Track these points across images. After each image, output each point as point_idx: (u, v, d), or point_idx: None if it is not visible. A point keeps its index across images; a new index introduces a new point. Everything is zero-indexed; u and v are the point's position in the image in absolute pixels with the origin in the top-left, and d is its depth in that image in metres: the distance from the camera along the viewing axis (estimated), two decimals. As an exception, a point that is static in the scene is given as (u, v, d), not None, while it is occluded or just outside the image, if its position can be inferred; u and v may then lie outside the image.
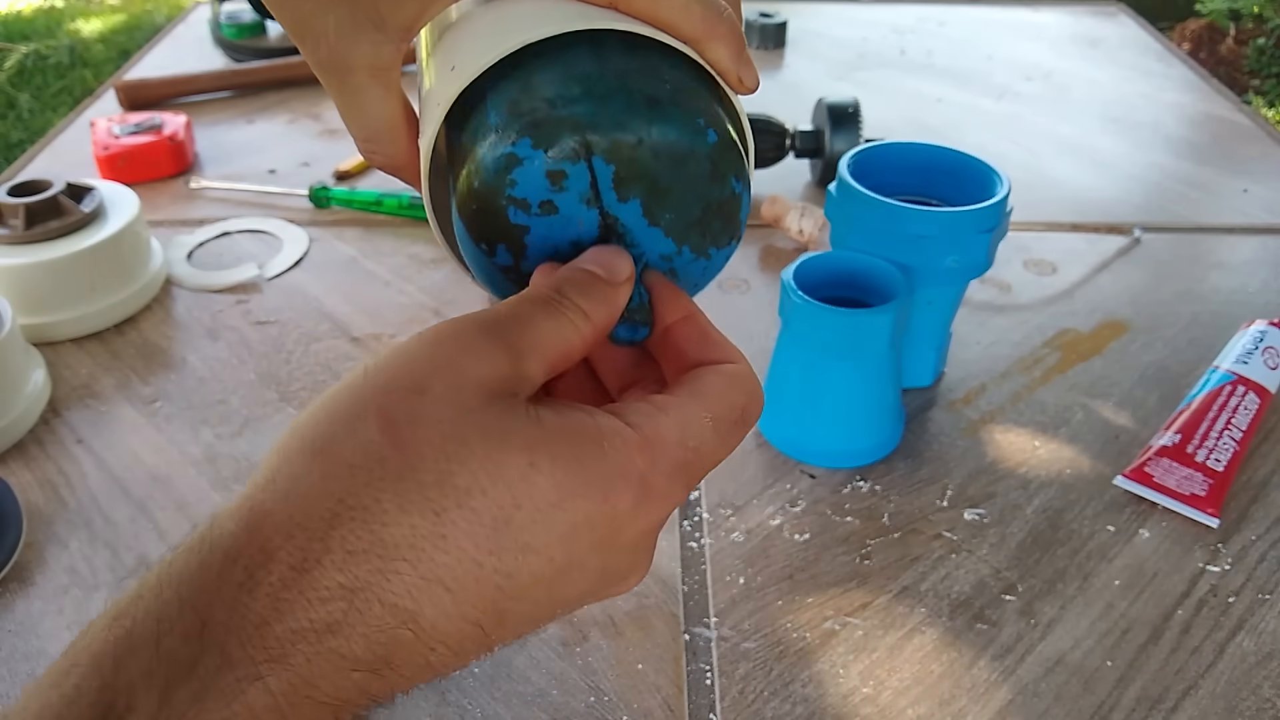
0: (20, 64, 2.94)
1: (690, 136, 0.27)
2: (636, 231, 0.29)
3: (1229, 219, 0.85)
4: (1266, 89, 2.81)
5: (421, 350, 0.25)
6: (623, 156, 0.27)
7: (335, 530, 0.23)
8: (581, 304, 0.27)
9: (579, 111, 0.27)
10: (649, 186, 0.28)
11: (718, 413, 0.28)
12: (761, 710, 0.44)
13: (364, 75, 0.31)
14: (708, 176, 0.28)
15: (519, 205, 0.28)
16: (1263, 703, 0.45)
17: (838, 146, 0.83)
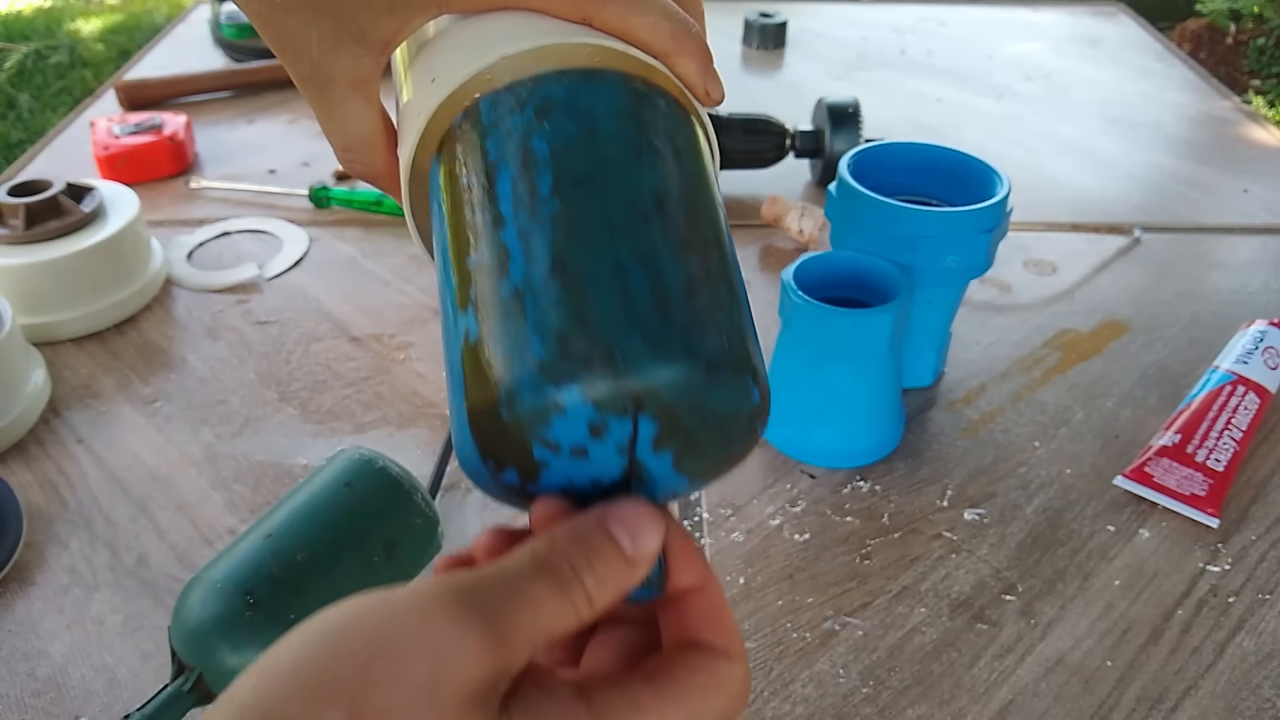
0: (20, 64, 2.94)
1: (740, 399, 0.26)
2: (659, 477, 0.28)
3: (1229, 219, 0.85)
4: (1266, 89, 2.81)
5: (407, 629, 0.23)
6: (670, 417, 0.26)
7: None
8: (590, 585, 0.25)
9: (639, 370, 0.24)
10: (687, 442, 0.27)
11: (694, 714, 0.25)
12: (761, 710, 0.44)
13: (345, 88, 0.31)
14: (744, 433, 0.27)
15: (548, 446, 0.26)
16: (1263, 703, 0.45)
17: (838, 146, 0.83)
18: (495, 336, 0.25)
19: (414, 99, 0.31)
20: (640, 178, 0.27)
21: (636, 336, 0.25)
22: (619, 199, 0.27)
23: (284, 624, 0.41)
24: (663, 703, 0.25)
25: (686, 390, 0.25)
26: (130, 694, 0.45)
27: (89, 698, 0.45)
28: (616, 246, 0.26)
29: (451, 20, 0.32)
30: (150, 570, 0.51)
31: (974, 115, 1.05)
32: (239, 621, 0.41)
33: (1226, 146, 0.98)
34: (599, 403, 0.25)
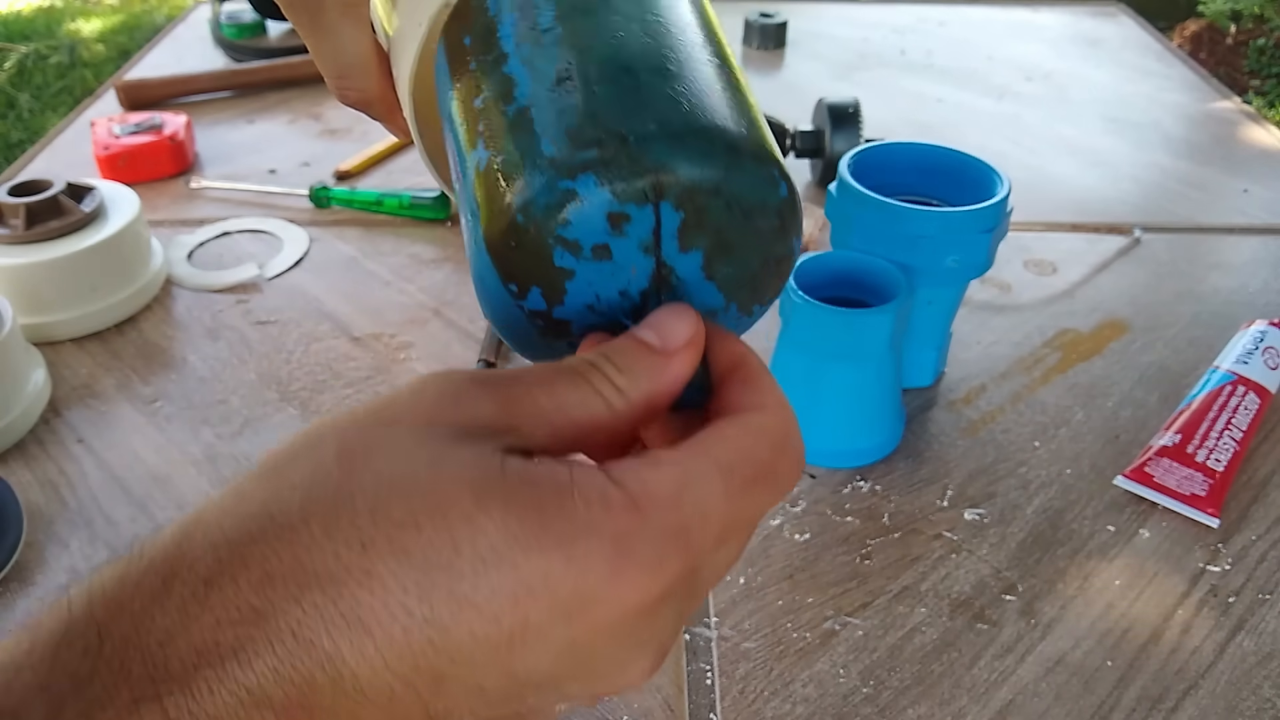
0: (20, 64, 2.94)
1: (766, 188, 0.25)
2: (690, 284, 0.26)
3: (1229, 219, 0.85)
4: (1266, 89, 2.81)
5: (403, 392, 0.23)
6: (695, 204, 0.24)
7: (255, 547, 0.20)
8: (616, 378, 0.24)
9: (654, 152, 0.23)
10: (715, 238, 0.25)
11: (730, 467, 0.23)
12: (761, 710, 0.44)
13: (335, 12, 0.31)
14: (774, 232, 0.26)
15: (568, 247, 0.24)
16: (1263, 703, 0.45)
17: (838, 146, 0.83)
18: (505, 153, 0.25)
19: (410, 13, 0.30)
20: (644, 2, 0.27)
21: (650, 120, 0.24)
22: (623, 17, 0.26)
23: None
24: (682, 454, 0.23)
25: (706, 170, 0.24)
26: (130, 694, 0.45)
27: (89, 697, 0.45)
28: (623, 54, 0.25)
29: None
30: (150, 570, 0.51)
31: (974, 115, 1.05)
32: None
33: (1226, 146, 0.98)
34: (615, 187, 0.23)
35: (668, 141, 0.24)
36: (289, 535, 0.20)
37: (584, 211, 0.24)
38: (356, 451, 0.22)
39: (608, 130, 0.24)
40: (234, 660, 0.20)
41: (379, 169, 0.92)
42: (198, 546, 0.21)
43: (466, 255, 0.27)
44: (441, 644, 0.20)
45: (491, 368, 0.63)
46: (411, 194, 0.82)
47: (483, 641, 0.21)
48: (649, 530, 0.21)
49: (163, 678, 0.20)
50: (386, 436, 0.22)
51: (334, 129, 0.98)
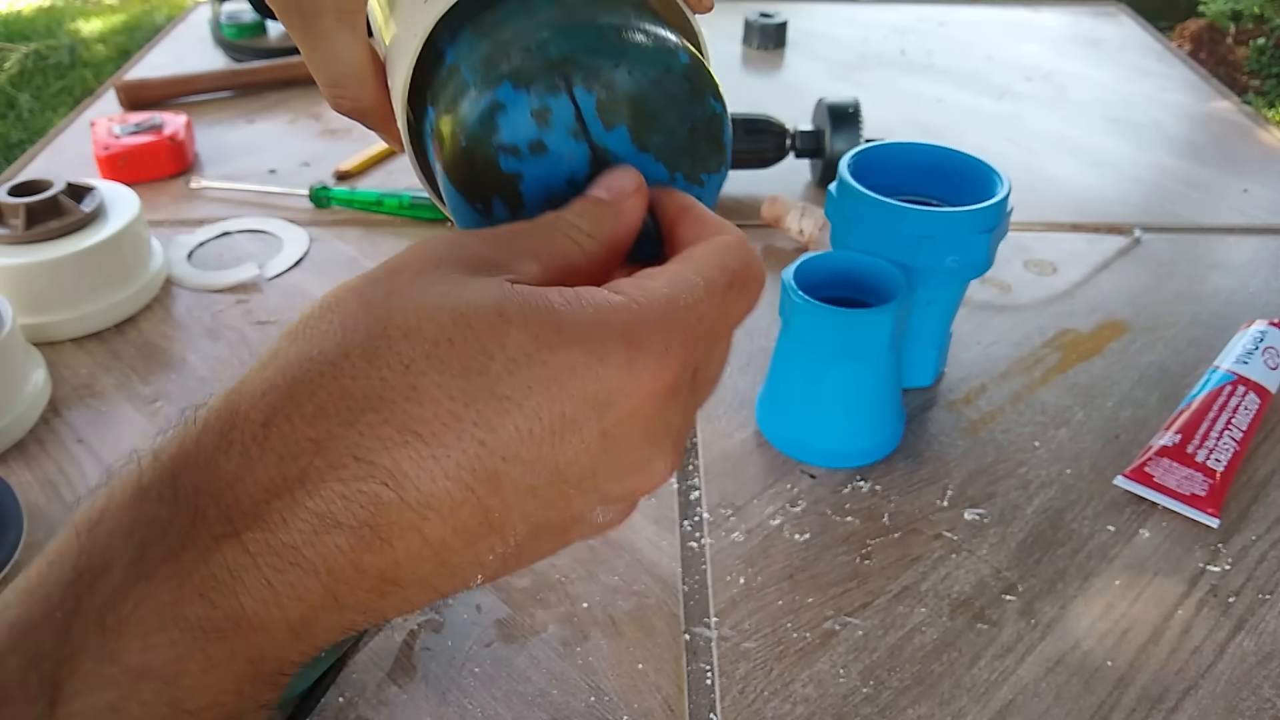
0: (20, 64, 2.94)
1: (665, 56, 0.28)
2: (628, 159, 0.30)
3: (1229, 219, 0.85)
4: (1266, 89, 2.81)
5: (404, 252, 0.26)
6: (602, 82, 0.28)
7: (302, 386, 0.22)
8: (581, 223, 0.27)
9: (553, 49, 0.27)
10: (633, 111, 0.29)
11: (708, 275, 0.26)
12: (761, 710, 0.44)
13: (330, 19, 0.31)
14: (688, 95, 0.29)
15: (509, 151, 0.28)
16: (1263, 703, 0.45)
17: (838, 146, 0.83)
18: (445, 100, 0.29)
19: (409, 18, 0.31)
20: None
21: (546, 30, 0.28)
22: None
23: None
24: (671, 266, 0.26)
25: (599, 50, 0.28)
26: (130, 694, 0.45)
27: (89, 697, 0.45)
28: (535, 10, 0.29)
29: None
30: (150, 570, 0.51)
31: (974, 115, 1.05)
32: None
33: (1226, 146, 0.98)
34: (529, 85, 0.27)
35: (563, 38, 0.28)
36: (332, 370, 0.23)
37: (511, 116, 0.28)
38: (378, 298, 0.24)
39: (512, 48, 0.28)
40: (301, 490, 0.22)
41: (379, 169, 0.92)
42: (247, 399, 0.23)
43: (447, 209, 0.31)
44: (492, 443, 0.22)
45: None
46: (411, 194, 0.82)
47: (527, 437, 0.23)
48: (652, 323, 0.24)
49: (237, 515, 0.22)
50: (403, 282, 0.24)
51: (334, 129, 0.98)
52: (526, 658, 0.46)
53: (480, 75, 0.28)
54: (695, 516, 0.54)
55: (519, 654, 0.46)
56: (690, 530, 0.53)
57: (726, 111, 0.30)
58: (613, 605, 0.49)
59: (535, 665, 0.46)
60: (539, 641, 0.47)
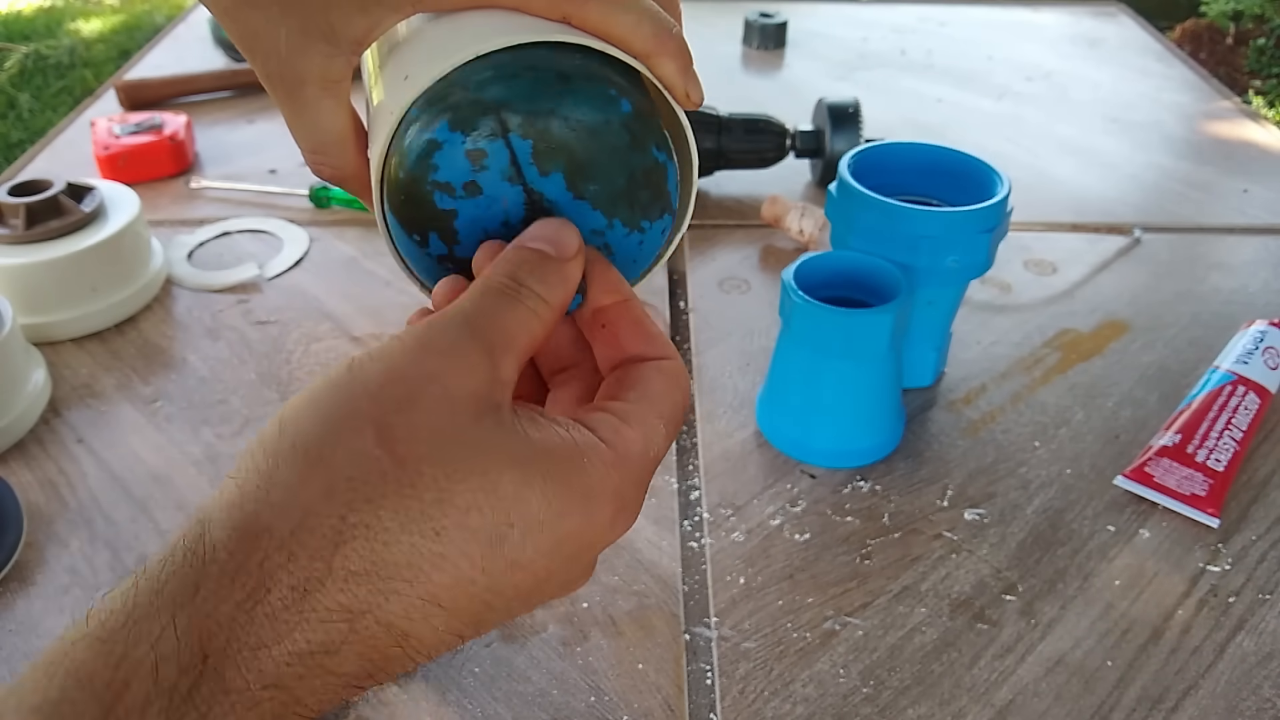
0: (20, 64, 2.94)
1: (603, 105, 0.28)
2: (563, 205, 0.30)
3: (1229, 219, 0.85)
4: (1266, 89, 2.81)
5: (405, 358, 0.25)
6: (538, 130, 0.28)
7: (339, 550, 0.23)
8: (538, 289, 0.28)
9: (491, 92, 0.28)
10: (569, 158, 0.29)
11: (667, 415, 0.28)
12: (761, 710, 0.44)
13: (314, 88, 0.31)
14: (627, 146, 0.29)
15: (443, 189, 0.29)
16: (1263, 703, 0.45)
17: (838, 146, 0.83)
18: (396, 138, 0.29)
19: (387, 98, 0.31)
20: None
21: (488, 70, 0.28)
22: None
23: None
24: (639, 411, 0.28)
25: (537, 97, 0.28)
26: (130, 694, 0.45)
27: (89, 697, 0.45)
28: (473, 36, 0.29)
29: (425, 19, 0.31)
30: (150, 570, 0.51)
31: (974, 115, 1.05)
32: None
33: (1226, 146, 0.98)
34: (465, 127, 0.28)
35: (502, 81, 0.28)
36: (365, 534, 0.23)
37: (447, 155, 0.28)
38: (398, 439, 0.24)
39: (454, 85, 0.28)
40: (325, 655, 0.23)
41: (379, 169, 0.91)
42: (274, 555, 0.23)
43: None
44: (494, 602, 0.25)
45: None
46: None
47: (520, 590, 0.25)
48: (632, 482, 0.27)
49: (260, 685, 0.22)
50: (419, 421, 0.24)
51: (334, 129, 0.98)
52: (526, 658, 0.46)
53: (422, 111, 0.28)
54: (695, 516, 0.54)
55: (519, 654, 0.46)
56: (690, 530, 0.53)
57: (672, 159, 0.30)
58: (613, 605, 0.49)
59: (535, 665, 0.46)
60: (539, 641, 0.47)
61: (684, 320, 0.71)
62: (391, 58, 0.32)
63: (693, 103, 0.32)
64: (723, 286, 0.74)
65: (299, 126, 0.32)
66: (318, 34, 0.30)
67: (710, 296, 0.73)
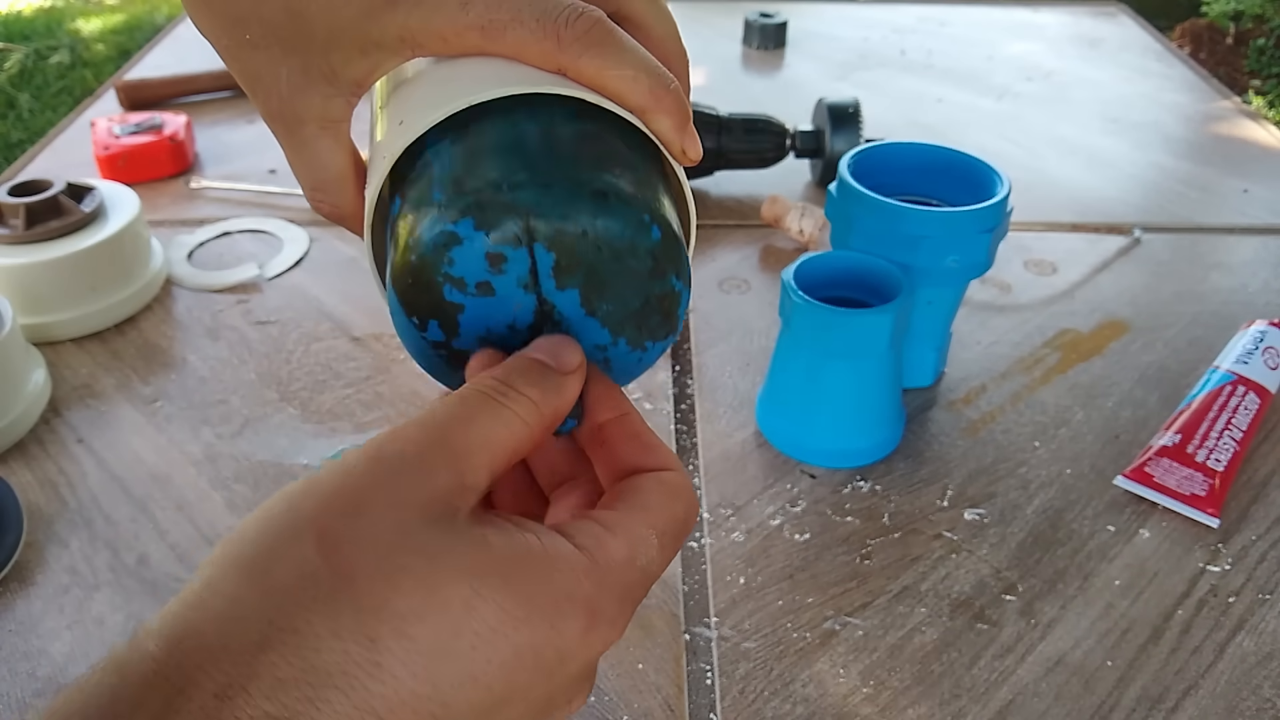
0: (20, 64, 2.94)
1: (634, 231, 0.27)
2: (573, 320, 0.29)
3: (1229, 219, 0.85)
4: (1266, 89, 2.81)
5: (359, 466, 0.24)
6: (565, 246, 0.27)
7: (264, 655, 0.21)
8: (530, 394, 0.26)
9: (524, 198, 0.26)
10: (589, 277, 0.28)
11: (662, 527, 0.27)
12: (761, 710, 0.44)
13: (314, 127, 0.31)
14: (649, 272, 0.28)
15: (455, 284, 0.27)
16: (1263, 703, 0.45)
17: (838, 146, 0.83)
18: (410, 200, 0.28)
19: (384, 140, 0.31)
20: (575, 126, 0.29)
21: (522, 170, 0.26)
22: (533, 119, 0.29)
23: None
24: (628, 519, 0.26)
25: (570, 213, 0.26)
26: (130, 694, 0.45)
27: (89, 697, 0.45)
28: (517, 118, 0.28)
29: (428, 62, 0.31)
30: (151, 570, 0.51)
31: (974, 115, 1.05)
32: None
33: (1226, 146, 0.98)
34: (489, 228, 0.26)
35: (537, 189, 0.26)
36: (295, 640, 0.21)
37: (465, 252, 0.27)
38: (339, 544, 0.23)
39: (486, 179, 0.26)
40: None
41: (379, 169, 0.91)
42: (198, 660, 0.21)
43: None
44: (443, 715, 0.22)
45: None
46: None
47: (476, 706, 0.23)
48: (611, 593, 0.25)
49: None
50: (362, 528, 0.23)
51: (334, 129, 0.98)
52: (526, 658, 0.46)
53: (447, 197, 0.27)
54: (695, 516, 0.54)
55: (519, 654, 0.46)
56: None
57: (688, 287, 0.30)
58: (613, 605, 0.49)
59: (535, 665, 0.46)
60: (539, 641, 0.47)
61: (684, 320, 0.71)
62: (393, 98, 0.32)
63: (689, 159, 0.31)
64: (723, 286, 0.74)
65: (299, 164, 0.32)
66: (318, 75, 0.30)
67: (710, 296, 0.73)
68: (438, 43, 0.29)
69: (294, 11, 0.29)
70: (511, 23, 0.29)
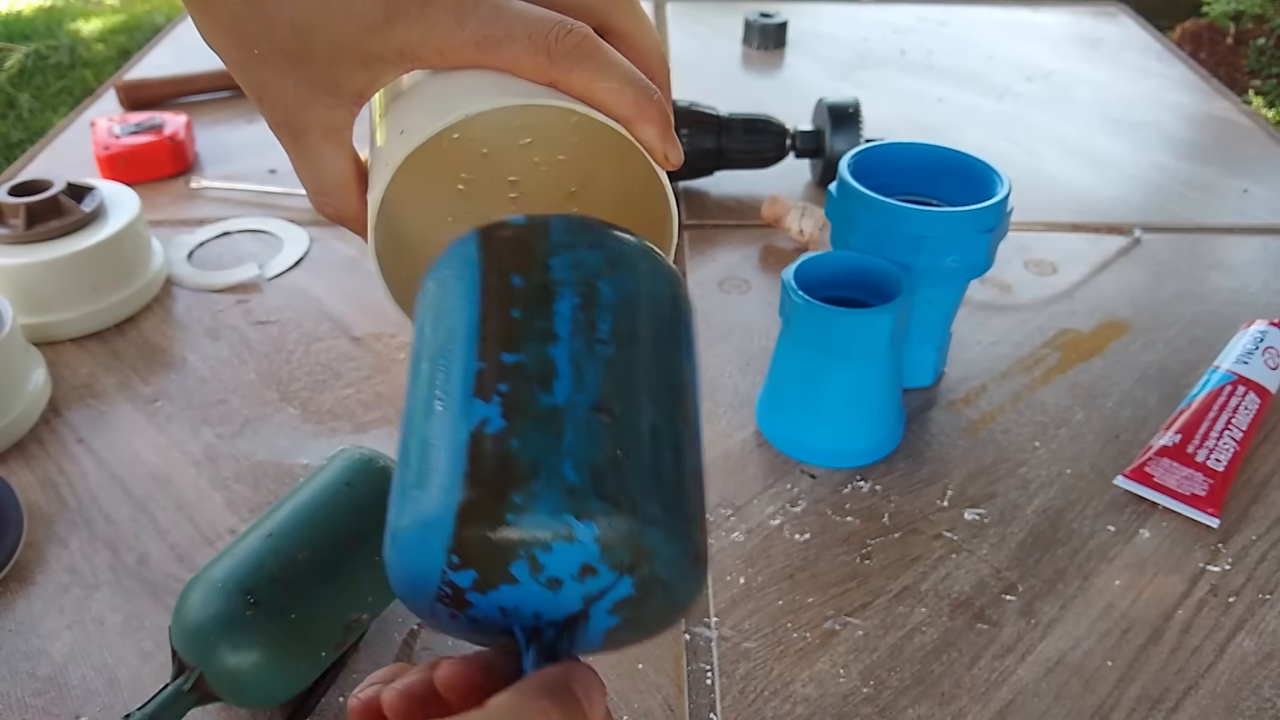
0: (20, 64, 2.94)
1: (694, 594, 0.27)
2: (591, 636, 0.28)
3: (1229, 219, 0.85)
4: (1266, 89, 2.81)
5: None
6: (646, 588, 0.26)
7: None
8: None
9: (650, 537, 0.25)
10: (638, 616, 0.27)
11: None
12: (761, 710, 0.44)
13: (318, 135, 0.33)
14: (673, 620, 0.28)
15: (532, 566, 0.25)
16: (1263, 703, 0.45)
17: (838, 146, 0.83)
18: (525, 442, 0.24)
19: (384, 148, 0.32)
20: (676, 362, 0.28)
21: (658, 504, 0.25)
22: (661, 374, 0.27)
23: (284, 623, 0.41)
24: None
25: (674, 572, 0.26)
26: (131, 693, 0.45)
27: (89, 697, 0.45)
28: (654, 415, 0.26)
29: (425, 74, 0.33)
30: (151, 570, 0.51)
31: (974, 115, 1.05)
32: (239, 621, 0.41)
33: (1226, 146, 0.98)
34: (606, 548, 0.24)
35: (665, 534, 0.25)
36: None
37: (568, 550, 0.24)
38: None
39: (626, 494, 0.24)
40: None
41: (379, 169, 0.91)
42: None
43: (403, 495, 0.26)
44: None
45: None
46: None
47: None
48: None
49: None
50: None
51: (334, 129, 0.98)
52: (526, 658, 0.46)
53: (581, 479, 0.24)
54: (695, 516, 0.54)
55: (519, 654, 0.46)
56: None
57: None
58: (613, 605, 0.49)
59: (535, 665, 0.46)
60: (539, 641, 0.47)
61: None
62: (392, 107, 0.33)
63: (671, 164, 0.33)
64: (723, 286, 0.74)
65: (304, 170, 0.35)
66: (322, 87, 0.32)
67: (710, 296, 0.73)
68: (435, 57, 0.31)
69: (300, 28, 0.31)
70: (505, 39, 0.31)
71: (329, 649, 0.43)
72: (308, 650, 0.42)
